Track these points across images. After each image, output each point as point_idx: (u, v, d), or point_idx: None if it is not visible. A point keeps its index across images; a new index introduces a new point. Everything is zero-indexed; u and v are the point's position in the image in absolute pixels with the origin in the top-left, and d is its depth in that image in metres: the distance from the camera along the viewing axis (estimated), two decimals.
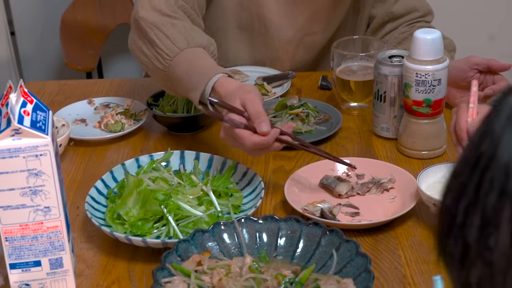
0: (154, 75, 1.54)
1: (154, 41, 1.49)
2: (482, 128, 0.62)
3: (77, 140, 1.62)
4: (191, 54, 1.47)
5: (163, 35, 1.49)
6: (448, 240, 0.63)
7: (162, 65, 1.48)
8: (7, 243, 1.14)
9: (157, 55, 1.49)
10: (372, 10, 1.84)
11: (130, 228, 1.28)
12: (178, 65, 1.46)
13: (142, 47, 1.52)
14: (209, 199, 1.33)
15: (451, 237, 0.62)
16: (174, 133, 1.65)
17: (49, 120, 1.14)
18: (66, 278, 1.17)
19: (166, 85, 1.53)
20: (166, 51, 1.47)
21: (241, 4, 1.76)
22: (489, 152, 0.60)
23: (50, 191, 1.11)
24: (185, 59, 1.46)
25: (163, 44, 1.48)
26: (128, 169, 1.41)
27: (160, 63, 1.48)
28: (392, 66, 1.54)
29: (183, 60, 1.46)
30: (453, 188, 0.62)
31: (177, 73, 1.45)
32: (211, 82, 1.38)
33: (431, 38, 1.46)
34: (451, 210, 0.62)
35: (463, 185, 0.61)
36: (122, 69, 3.26)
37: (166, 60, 1.47)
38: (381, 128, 1.59)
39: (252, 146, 1.29)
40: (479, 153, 0.60)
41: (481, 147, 0.60)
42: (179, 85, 1.46)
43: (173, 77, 1.46)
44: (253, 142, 1.29)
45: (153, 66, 1.50)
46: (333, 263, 1.17)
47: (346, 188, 1.40)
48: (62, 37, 2.94)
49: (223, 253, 1.21)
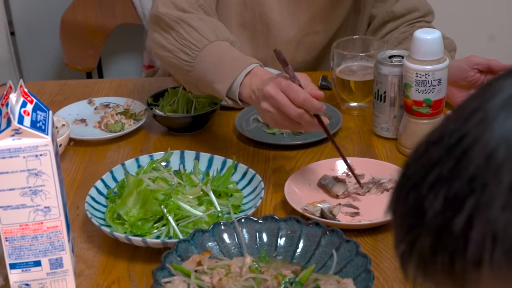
0: (175, 70, 1.53)
1: (181, 34, 1.49)
2: (474, 103, 0.59)
3: (77, 140, 1.62)
4: (220, 46, 1.47)
5: (190, 28, 1.49)
6: (404, 201, 0.60)
7: (189, 57, 1.47)
8: (7, 243, 1.14)
9: (183, 47, 1.48)
10: (372, 9, 1.84)
11: (130, 228, 1.28)
12: (206, 56, 1.45)
13: (163, 42, 1.51)
14: (209, 199, 1.33)
15: (409, 199, 0.59)
16: (174, 133, 1.65)
17: (49, 120, 1.14)
18: (66, 278, 1.17)
19: (189, 80, 1.51)
20: (194, 42, 1.47)
21: (244, 3, 1.76)
22: (476, 132, 0.57)
23: (50, 191, 1.11)
24: (214, 50, 1.46)
25: (191, 36, 1.48)
26: (128, 169, 1.41)
27: (186, 55, 1.47)
28: (392, 66, 1.54)
29: (211, 52, 1.45)
30: (427, 155, 0.59)
31: (204, 65, 1.45)
32: (244, 72, 1.38)
33: (431, 38, 1.46)
34: (416, 175, 0.59)
35: (439, 157, 0.58)
36: (122, 69, 3.26)
37: (194, 51, 1.46)
38: (381, 128, 1.59)
39: (303, 101, 1.29)
40: (465, 131, 0.57)
41: (468, 123, 0.57)
42: (204, 77, 1.45)
43: (199, 69, 1.45)
44: (306, 98, 1.29)
45: (177, 59, 1.49)
46: (333, 263, 1.17)
47: (343, 189, 1.40)
48: (62, 37, 2.94)
49: (223, 253, 1.21)
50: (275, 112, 1.32)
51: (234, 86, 1.39)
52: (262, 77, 1.37)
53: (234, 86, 1.39)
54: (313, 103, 1.30)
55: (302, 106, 1.30)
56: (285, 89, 1.30)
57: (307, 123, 1.32)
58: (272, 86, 1.32)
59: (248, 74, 1.38)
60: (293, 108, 1.30)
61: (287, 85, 1.31)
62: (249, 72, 1.38)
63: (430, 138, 0.60)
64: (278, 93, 1.31)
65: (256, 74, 1.38)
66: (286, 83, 1.31)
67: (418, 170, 0.59)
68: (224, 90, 1.39)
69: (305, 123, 1.32)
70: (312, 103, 1.30)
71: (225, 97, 1.41)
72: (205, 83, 1.45)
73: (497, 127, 0.56)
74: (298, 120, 1.31)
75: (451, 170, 0.57)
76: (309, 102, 1.29)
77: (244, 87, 1.38)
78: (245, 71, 1.38)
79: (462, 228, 0.56)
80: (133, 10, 2.96)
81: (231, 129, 1.66)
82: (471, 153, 0.56)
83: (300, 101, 1.29)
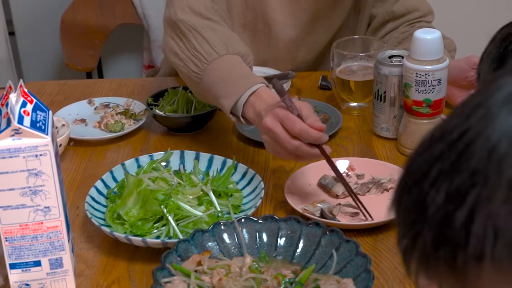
0: (186, 79, 1.52)
1: (193, 44, 1.48)
2: (477, 99, 0.59)
3: (77, 140, 1.62)
4: (229, 60, 1.46)
5: (202, 39, 1.48)
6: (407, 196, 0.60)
7: (198, 68, 1.46)
8: (7, 243, 1.14)
9: (194, 58, 1.47)
10: (372, 9, 1.84)
11: (130, 228, 1.28)
12: (215, 70, 1.44)
13: (176, 49, 1.51)
14: (209, 199, 1.33)
15: (411, 195, 0.60)
16: (174, 133, 1.65)
17: (49, 120, 1.14)
18: (66, 278, 1.17)
19: (197, 91, 1.51)
20: (204, 54, 1.46)
21: (245, 3, 1.76)
22: (478, 127, 0.57)
23: (50, 191, 1.11)
24: (223, 65, 1.45)
25: (202, 48, 1.47)
26: (128, 169, 1.41)
27: (195, 66, 1.47)
28: (392, 66, 1.54)
29: (220, 66, 1.45)
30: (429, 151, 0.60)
31: (212, 78, 1.44)
32: (248, 92, 1.37)
33: (431, 38, 1.46)
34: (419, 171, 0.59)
35: (441, 152, 0.58)
36: (122, 69, 3.26)
37: (203, 63, 1.46)
38: (381, 128, 1.59)
39: (299, 131, 1.27)
40: (467, 126, 0.58)
41: (470, 119, 0.58)
42: (211, 90, 1.44)
43: (207, 82, 1.45)
44: (303, 128, 1.27)
45: (187, 69, 1.48)
46: (333, 263, 1.17)
47: (343, 189, 1.40)
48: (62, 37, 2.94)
49: (223, 253, 1.21)
50: (275, 144, 1.32)
51: (238, 105, 1.38)
52: (266, 100, 1.35)
53: (238, 104, 1.38)
54: (310, 133, 1.28)
55: (299, 136, 1.28)
56: (282, 119, 1.29)
57: (305, 155, 1.31)
58: (270, 118, 1.31)
59: (253, 94, 1.37)
60: (289, 141, 1.28)
61: (284, 115, 1.29)
62: (253, 92, 1.37)
63: (433, 135, 0.61)
64: (276, 125, 1.30)
65: (261, 97, 1.36)
66: (283, 113, 1.29)
67: (421, 166, 0.60)
68: (229, 107, 1.39)
69: (304, 154, 1.31)
70: (309, 133, 1.28)
71: (229, 114, 1.40)
72: (212, 96, 1.45)
73: (499, 122, 0.56)
74: (295, 152, 1.30)
75: (452, 165, 0.57)
76: (305, 132, 1.28)
77: (248, 107, 1.37)
78: (250, 90, 1.37)
79: (463, 222, 0.56)
80: (133, 10, 2.96)
81: (231, 129, 1.66)
82: (473, 147, 0.57)
83: (297, 131, 1.28)
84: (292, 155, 1.32)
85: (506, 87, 0.58)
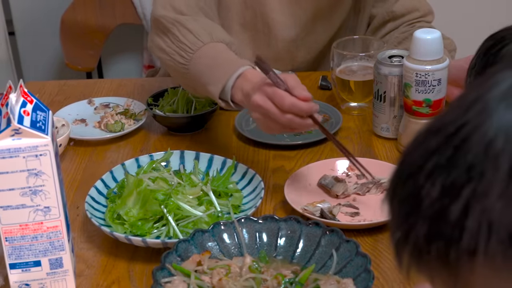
0: (174, 72, 1.53)
1: (177, 36, 1.49)
2: (474, 94, 0.59)
3: (77, 140, 1.62)
4: (214, 48, 1.47)
5: (186, 30, 1.49)
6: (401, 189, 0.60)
7: (183, 59, 1.47)
8: (7, 243, 1.14)
9: (179, 49, 1.48)
10: (372, 9, 1.84)
11: (130, 228, 1.28)
12: (201, 58, 1.46)
13: (162, 44, 1.52)
14: (209, 199, 1.33)
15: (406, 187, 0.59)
16: (174, 133, 1.65)
17: (49, 120, 1.14)
18: (66, 278, 1.17)
19: (186, 82, 1.52)
20: (188, 44, 1.47)
21: (244, 3, 1.76)
22: (475, 121, 0.57)
23: (50, 191, 1.11)
24: (208, 53, 1.46)
25: (186, 39, 1.48)
26: (128, 169, 1.41)
27: (181, 57, 1.48)
28: (392, 66, 1.54)
29: (206, 54, 1.46)
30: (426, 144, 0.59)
31: (198, 67, 1.45)
32: (235, 75, 1.38)
33: (431, 38, 1.46)
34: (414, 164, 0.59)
35: (437, 146, 0.58)
36: (122, 69, 3.26)
37: (188, 53, 1.47)
38: (381, 128, 1.59)
39: (289, 106, 1.27)
40: (464, 121, 0.57)
41: (468, 113, 0.58)
42: (199, 79, 1.45)
43: (194, 71, 1.46)
44: (292, 102, 1.27)
45: (173, 62, 1.49)
46: (333, 263, 1.17)
47: (343, 189, 1.40)
48: (62, 37, 2.94)
49: (223, 253, 1.21)
50: (267, 121, 1.32)
51: (226, 89, 1.39)
52: (251, 80, 1.36)
53: (226, 88, 1.39)
54: (300, 106, 1.28)
55: (290, 111, 1.28)
56: (271, 96, 1.29)
57: (299, 126, 1.31)
58: (258, 95, 1.31)
59: (240, 77, 1.38)
60: (281, 115, 1.29)
61: (272, 92, 1.29)
62: (240, 75, 1.38)
63: (430, 128, 0.61)
64: (265, 101, 1.30)
65: (246, 77, 1.37)
66: (271, 90, 1.29)
67: (416, 158, 0.60)
68: (217, 92, 1.39)
69: (297, 126, 1.31)
70: (300, 106, 1.28)
71: (218, 99, 1.41)
72: (200, 85, 1.45)
73: (497, 117, 0.56)
74: (288, 125, 1.31)
75: (449, 159, 0.57)
76: (296, 106, 1.28)
77: (236, 90, 1.38)
78: (236, 73, 1.38)
79: (457, 216, 0.56)
80: (133, 10, 2.96)
81: (231, 129, 1.66)
82: (470, 142, 0.57)
83: (287, 107, 1.28)
84: (286, 128, 1.32)
85: (504, 82, 0.58)
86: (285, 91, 1.29)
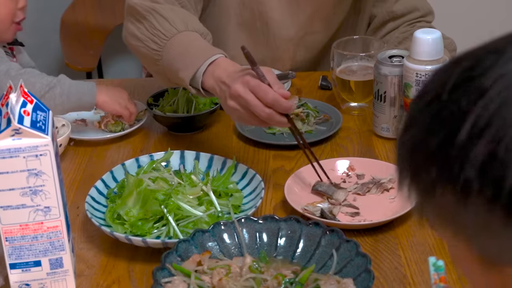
0: (146, 59, 1.54)
1: (152, 23, 1.50)
2: (488, 46, 0.61)
3: (77, 140, 1.62)
4: (188, 36, 1.48)
5: (161, 17, 1.50)
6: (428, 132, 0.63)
7: (157, 45, 1.48)
8: (7, 243, 1.14)
9: (153, 36, 1.49)
10: (372, 9, 1.84)
11: (130, 228, 1.28)
12: (174, 46, 1.46)
13: (135, 31, 1.53)
14: (209, 199, 1.33)
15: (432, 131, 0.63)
16: (174, 133, 1.65)
17: (49, 120, 1.14)
18: (66, 278, 1.17)
19: (158, 70, 1.52)
20: (163, 31, 1.48)
21: (242, 2, 1.76)
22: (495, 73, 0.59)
23: (50, 191, 1.11)
24: (182, 40, 1.47)
25: (161, 26, 1.49)
26: (128, 169, 1.41)
27: (155, 44, 1.48)
28: (392, 66, 1.54)
29: (179, 41, 1.46)
30: (449, 71, 0.62)
31: (171, 54, 1.46)
32: (208, 62, 1.38)
33: (431, 38, 1.46)
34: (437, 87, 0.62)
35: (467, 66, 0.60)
36: (122, 69, 3.26)
37: (162, 39, 1.48)
38: (381, 128, 1.59)
39: (272, 101, 1.29)
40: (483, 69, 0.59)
41: (484, 61, 0.60)
42: (171, 66, 1.45)
43: (167, 58, 1.46)
44: (275, 98, 1.29)
45: (146, 49, 1.50)
46: (333, 263, 1.17)
47: (344, 195, 1.39)
48: (62, 37, 2.94)
49: (223, 253, 1.21)
50: (243, 112, 1.32)
51: (197, 75, 1.39)
52: (226, 68, 1.37)
53: (197, 75, 1.39)
54: (282, 103, 1.30)
55: (271, 106, 1.30)
56: (254, 89, 1.30)
57: (276, 123, 1.33)
58: (240, 85, 1.31)
59: (212, 64, 1.39)
60: (262, 108, 1.30)
61: (256, 84, 1.30)
62: (212, 62, 1.39)
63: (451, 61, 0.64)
64: (246, 92, 1.30)
65: (219, 65, 1.38)
66: (255, 82, 1.30)
67: (437, 84, 0.64)
68: (187, 78, 1.40)
69: (275, 122, 1.33)
70: (281, 103, 1.30)
71: (188, 85, 1.41)
72: (172, 72, 1.46)
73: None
74: (267, 120, 1.32)
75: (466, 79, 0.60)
76: (278, 102, 1.29)
77: (207, 76, 1.38)
78: (209, 60, 1.39)
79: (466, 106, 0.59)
80: None
81: (231, 129, 1.66)
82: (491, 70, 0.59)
83: (269, 101, 1.29)
84: (261, 122, 1.33)
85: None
86: (269, 83, 1.31)
